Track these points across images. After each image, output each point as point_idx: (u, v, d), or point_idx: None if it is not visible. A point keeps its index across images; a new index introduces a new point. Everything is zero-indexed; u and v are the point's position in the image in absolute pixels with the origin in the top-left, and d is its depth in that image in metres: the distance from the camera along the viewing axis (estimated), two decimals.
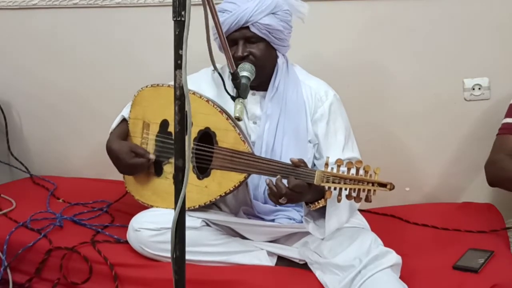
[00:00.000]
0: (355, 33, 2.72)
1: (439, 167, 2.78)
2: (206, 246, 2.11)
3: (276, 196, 1.95)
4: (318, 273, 2.05)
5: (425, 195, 2.79)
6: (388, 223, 2.50)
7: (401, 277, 1.98)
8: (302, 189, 1.93)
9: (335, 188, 1.89)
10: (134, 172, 2.26)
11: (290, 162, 1.96)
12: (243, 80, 2.02)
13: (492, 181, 2.35)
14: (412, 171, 2.79)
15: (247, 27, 2.12)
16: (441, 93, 2.71)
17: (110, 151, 2.24)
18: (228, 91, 1.99)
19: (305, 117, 2.21)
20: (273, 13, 2.13)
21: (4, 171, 3.05)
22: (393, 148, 2.78)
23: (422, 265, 2.11)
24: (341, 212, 2.03)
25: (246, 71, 2.06)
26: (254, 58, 2.14)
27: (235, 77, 1.93)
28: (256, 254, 2.14)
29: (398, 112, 2.76)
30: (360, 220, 2.20)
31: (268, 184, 1.96)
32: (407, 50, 2.70)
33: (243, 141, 2.06)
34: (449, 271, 2.08)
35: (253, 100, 2.23)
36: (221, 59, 1.96)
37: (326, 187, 1.90)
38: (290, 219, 2.22)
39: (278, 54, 2.22)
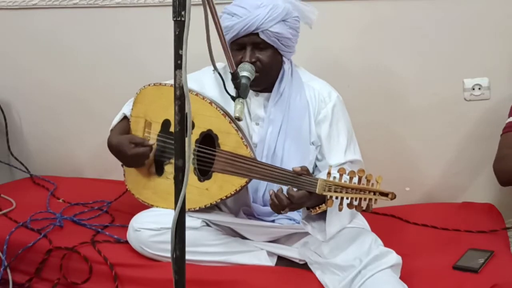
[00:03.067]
0: (356, 33, 2.72)
1: (439, 167, 2.78)
2: (206, 246, 2.10)
3: (278, 208, 1.95)
4: (318, 273, 2.04)
5: (425, 195, 2.79)
6: (388, 223, 2.50)
7: (401, 277, 1.98)
8: (303, 199, 1.92)
9: (336, 197, 1.89)
10: (138, 163, 2.23)
11: (291, 169, 1.94)
12: (243, 80, 2.01)
13: (504, 178, 2.28)
14: (412, 171, 2.79)
15: (256, 33, 2.11)
16: (441, 93, 2.71)
17: (111, 147, 2.24)
18: (229, 91, 1.99)
19: (308, 119, 2.21)
20: (283, 21, 2.12)
21: (4, 171, 3.05)
22: (393, 148, 2.78)
23: (422, 265, 2.11)
24: (342, 217, 2.02)
25: (246, 71, 2.06)
26: (261, 64, 2.13)
27: (235, 77, 1.93)
28: (256, 254, 2.14)
29: (398, 112, 2.76)
30: (360, 221, 2.19)
31: (270, 196, 1.96)
32: (407, 50, 2.70)
33: (245, 145, 2.05)
34: (449, 271, 2.08)
35: (256, 101, 2.23)
36: (222, 59, 1.96)
37: (328, 196, 1.89)
38: (290, 219, 2.22)
39: (284, 59, 2.21)
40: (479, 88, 2.68)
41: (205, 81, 2.27)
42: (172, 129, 2.20)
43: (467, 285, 2.00)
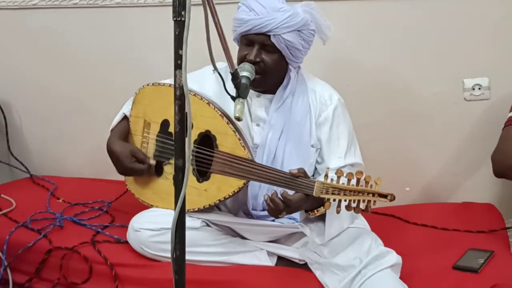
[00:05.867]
0: (355, 33, 2.72)
1: (439, 167, 2.78)
2: (206, 246, 2.10)
3: (274, 212, 1.94)
4: (318, 273, 2.05)
5: (425, 195, 2.79)
6: (388, 223, 2.50)
7: (401, 277, 1.98)
8: (300, 202, 1.92)
9: (334, 200, 1.88)
10: (132, 175, 2.26)
11: (288, 171, 1.94)
12: (243, 80, 2.01)
13: (499, 170, 2.27)
14: (412, 171, 2.79)
15: (268, 35, 2.09)
16: (441, 93, 2.71)
17: (111, 152, 2.23)
18: (228, 91, 1.99)
19: (309, 122, 2.20)
20: (298, 31, 2.10)
21: (4, 171, 3.05)
22: (393, 148, 2.78)
23: (422, 265, 2.11)
24: (342, 219, 2.02)
25: (246, 71, 2.05)
26: (264, 66, 2.12)
27: (235, 77, 1.93)
28: (256, 254, 2.14)
29: (398, 112, 2.76)
30: (360, 221, 2.19)
31: (266, 201, 1.95)
32: (407, 50, 2.70)
33: (243, 146, 2.04)
34: (449, 271, 2.08)
35: (257, 102, 2.22)
36: (221, 59, 1.95)
37: (325, 198, 1.89)
38: (290, 218, 2.22)
39: (291, 67, 2.20)
40: (479, 88, 2.68)
41: (206, 80, 2.27)
42: (170, 129, 2.20)
43: (467, 285, 2.00)
